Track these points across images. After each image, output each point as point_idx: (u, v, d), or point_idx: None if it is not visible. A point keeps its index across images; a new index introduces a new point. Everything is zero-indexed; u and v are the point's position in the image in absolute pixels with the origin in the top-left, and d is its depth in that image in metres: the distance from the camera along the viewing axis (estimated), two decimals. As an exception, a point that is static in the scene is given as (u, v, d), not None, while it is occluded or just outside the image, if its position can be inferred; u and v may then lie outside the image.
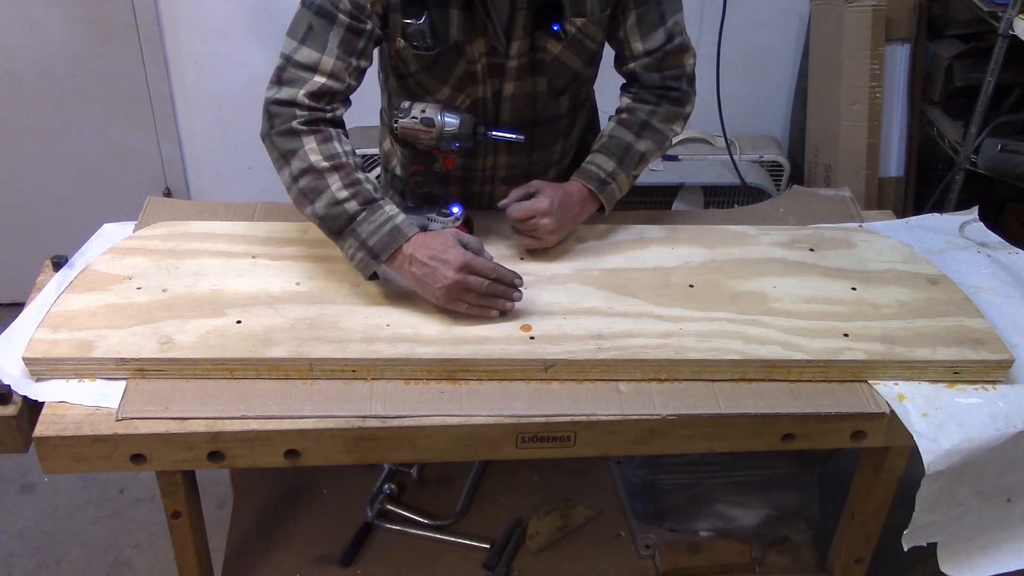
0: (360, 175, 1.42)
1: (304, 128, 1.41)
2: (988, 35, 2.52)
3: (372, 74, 1.63)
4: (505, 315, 1.42)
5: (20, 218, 2.86)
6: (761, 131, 2.91)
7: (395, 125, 1.50)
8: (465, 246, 1.40)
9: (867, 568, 1.65)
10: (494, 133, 1.51)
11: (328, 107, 1.44)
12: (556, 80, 1.57)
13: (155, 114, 2.76)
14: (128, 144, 2.80)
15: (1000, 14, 2.35)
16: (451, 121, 1.47)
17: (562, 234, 1.56)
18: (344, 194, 1.39)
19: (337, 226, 1.40)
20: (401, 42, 1.49)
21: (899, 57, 2.71)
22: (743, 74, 2.83)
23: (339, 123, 1.47)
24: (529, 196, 1.54)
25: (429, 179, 1.56)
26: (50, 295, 1.45)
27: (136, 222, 1.64)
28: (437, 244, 1.39)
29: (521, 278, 1.42)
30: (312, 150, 1.41)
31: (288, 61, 1.43)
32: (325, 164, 1.40)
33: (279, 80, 1.44)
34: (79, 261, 1.53)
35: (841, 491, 1.64)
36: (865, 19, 2.61)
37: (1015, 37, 2.32)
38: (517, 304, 1.44)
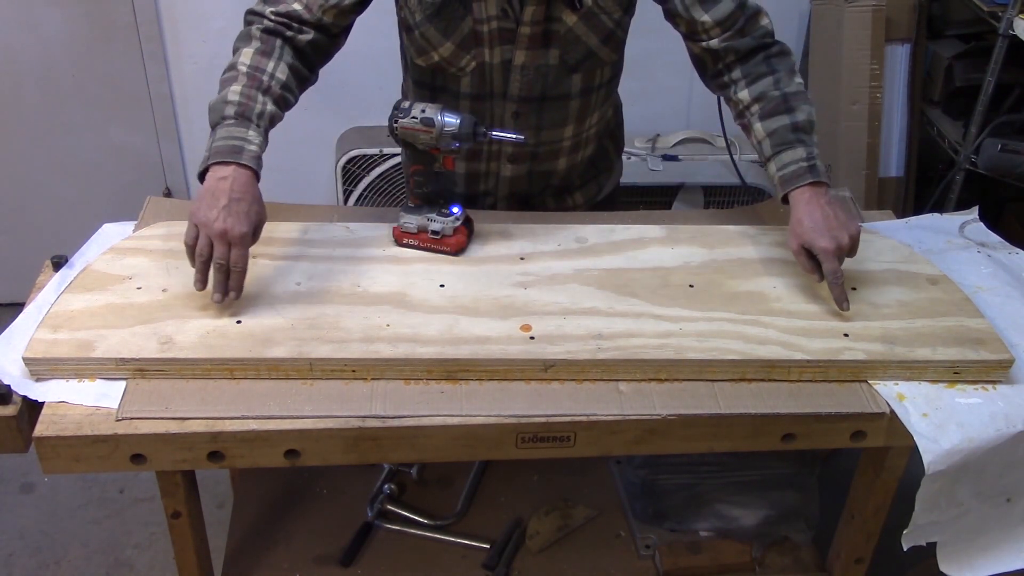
0: (260, 95, 1.43)
1: (257, 34, 1.47)
2: (988, 35, 2.52)
3: (370, 78, 1.64)
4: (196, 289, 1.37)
5: (20, 218, 2.86)
6: (761, 131, 2.90)
7: (395, 125, 1.50)
8: (255, 233, 1.37)
9: (867, 568, 1.65)
10: (495, 133, 1.51)
11: (294, 26, 1.48)
12: (569, 54, 1.54)
13: (155, 114, 2.76)
14: (128, 144, 2.80)
15: (1000, 14, 2.36)
16: (451, 121, 1.47)
17: (856, 235, 1.43)
18: (234, 98, 1.42)
19: (212, 120, 1.42)
20: None
21: (899, 57, 2.71)
22: (743, 74, 2.82)
23: (299, 49, 1.49)
24: (811, 256, 1.43)
25: (429, 179, 1.56)
26: (50, 295, 1.45)
27: (136, 222, 1.64)
28: (246, 200, 1.36)
29: (237, 295, 1.37)
30: (247, 53, 1.46)
31: None
32: (244, 68, 1.45)
33: None
34: (79, 261, 1.53)
35: (841, 491, 1.64)
36: (865, 19, 2.62)
37: (1015, 37, 2.33)
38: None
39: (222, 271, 1.35)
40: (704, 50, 1.53)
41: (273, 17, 1.48)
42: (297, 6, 1.48)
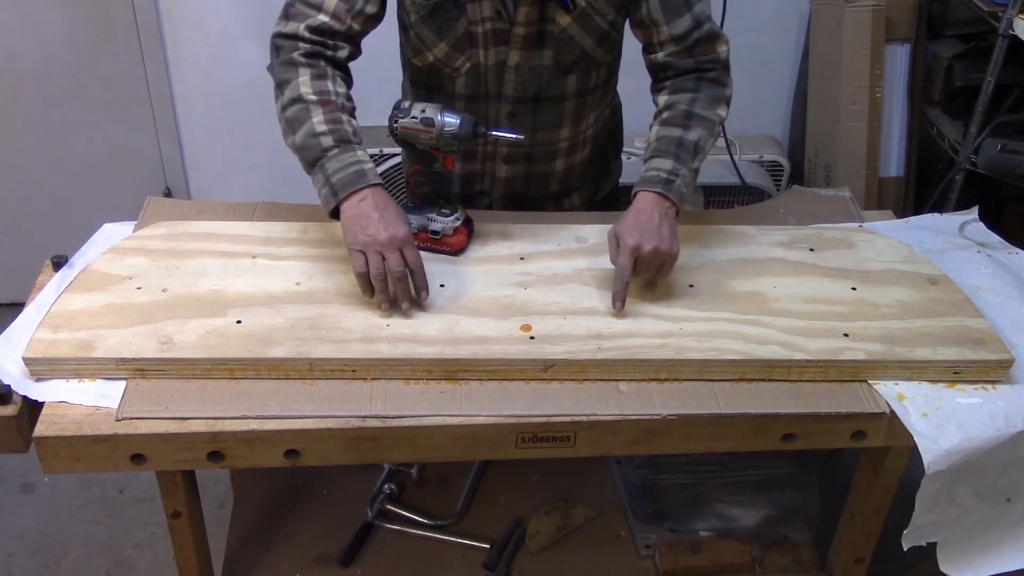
0: (344, 116, 1.44)
1: (302, 60, 1.46)
2: (988, 35, 2.52)
3: (370, 78, 1.64)
4: (390, 309, 1.39)
5: (20, 218, 2.86)
6: (761, 131, 2.91)
7: (395, 125, 1.50)
8: (405, 244, 1.38)
9: (867, 568, 1.66)
10: (494, 133, 1.51)
11: (329, 43, 1.48)
12: (563, 55, 1.55)
13: (155, 114, 2.76)
14: (128, 144, 2.80)
15: (1000, 14, 2.36)
16: (451, 121, 1.47)
17: (666, 253, 1.43)
18: (323, 128, 1.41)
19: (310, 158, 1.42)
20: None
21: (899, 57, 2.71)
22: (743, 74, 2.80)
23: (340, 65, 1.51)
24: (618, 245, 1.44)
25: (429, 179, 1.56)
26: (50, 295, 1.45)
27: (136, 222, 1.63)
28: (393, 210, 1.38)
29: (427, 291, 1.40)
30: (304, 82, 1.44)
31: None
32: (313, 97, 1.43)
33: (286, 15, 1.49)
34: (79, 261, 1.53)
35: (841, 491, 1.64)
36: (865, 19, 2.61)
37: (1015, 37, 2.33)
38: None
39: (404, 279, 1.38)
40: (652, 62, 1.57)
41: (308, 36, 1.47)
42: (324, 17, 1.47)
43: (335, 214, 1.42)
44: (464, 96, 1.60)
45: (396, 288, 1.39)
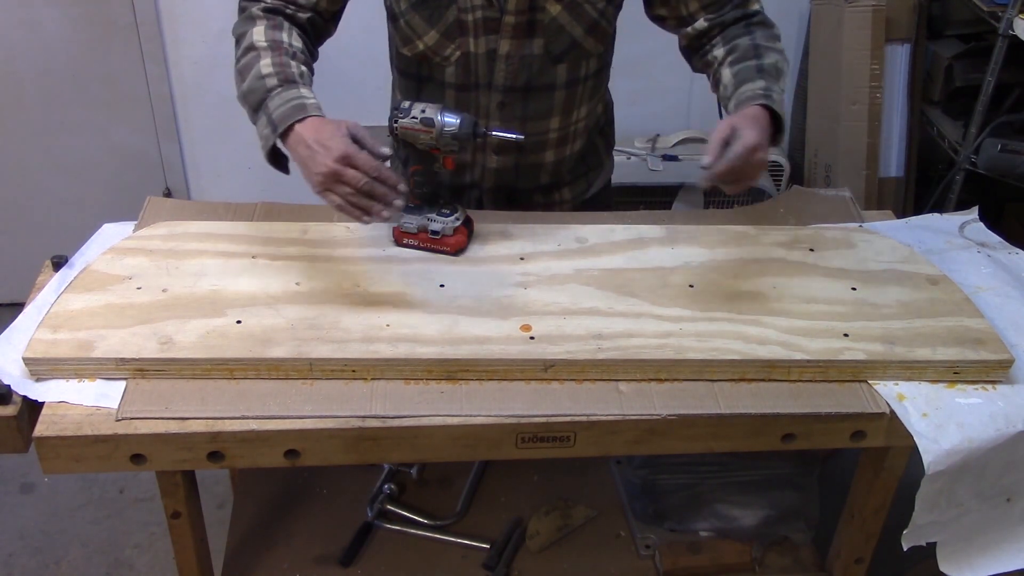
0: (292, 61, 1.44)
1: (260, 14, 1.49)
2: (988, 35, 2.52)
3: (370, 78, 1.64)
4: (373, 219, 1.36)
5: (20, 218, 2.86)
6: (761, 131, 2.90)
7: (395, 125, 1.50)
8: (356, 140, 1.36)
9: (867, 568, 1.65)
10: (495, 133, 1.51)
11: (291, 6, 1.51)
12: (553, 44, 1.55)
13: (155, 114, 2.76)
14: (128, 144, 2.80)
15: (1000, 14, 2.36)
16: (451, 121, 1.47)
17: (765, 166, 1.40)
18: (268, 70, 1.42)
19: (255, 100, 1.42)
20: None
21: (899, 57, 2.71)
22: (743, 74, 2.82)
23: (300, 25, 1.52)
24: (726, 142, 1.35)
25: (429, 179, 1.56)
26: (50, 295, 1.45)
27: (136, 222, 1.63)
28: (326, 130, 1.36)
29: (405, 185, 1.37)
30: (258, 32, 1.47)
31: None
32: (263, 44, 1.46)
33: None
34: (79, 261, 1.53)
35: (841, 491, 1.64)
36: (865, 19, 2.62)
37: (1015, 37, 2.33)
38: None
39: (371, 187, 1.34)
40: (693, 33, 1.58)
41: (270, 0, 1.50)
42: None
43: (275, 159, 1.40)
44: (454, 85, 1.60)
45: (371, 199, 1.35)
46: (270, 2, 1.51)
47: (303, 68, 1.46)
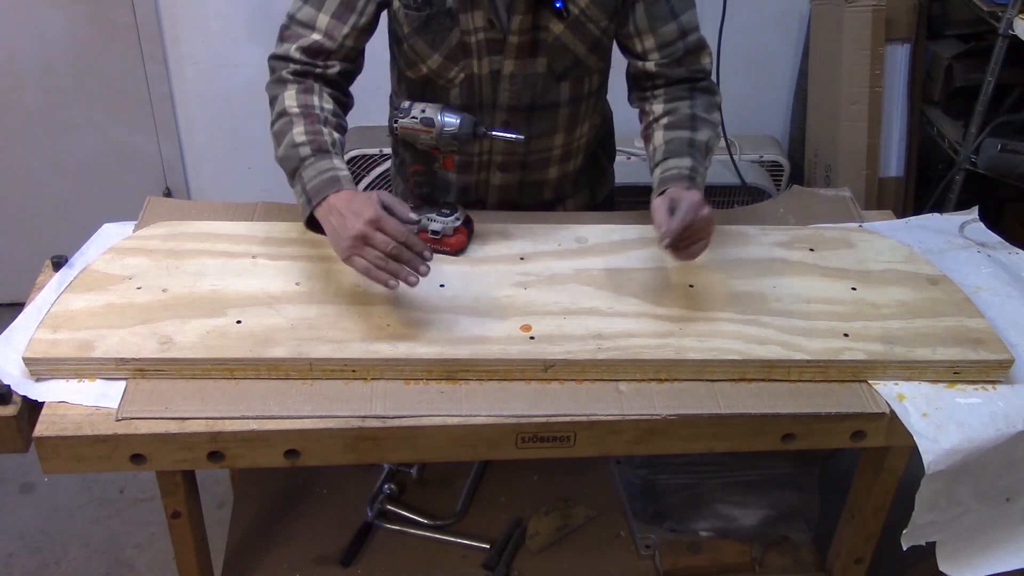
0: (324, 128, 1.45)
1: (290, 78, 1.49)
2: (988, 35, 2.52)
3: (370, 78, 1.64)
4: (399, 284, 1.34)
5: (20, 218, 2.86)
6: (761, 131, 2.91)
7: (395, 125, 1.50)
8: (386, 208, 1.36)
9: (867, 568, 1.66)
10: (494, 132, 1.51)
11: (320, 63, 1.50)
12: (556, 62, 1.55)
13: (155, 114, 2.76)
14: (128, 144, 2.80)
15: (1000, 14, 2.35)
16: (451, 121, 1.47)
17: (712, 225, 1.44)
18: (302, 139, 1.43)
19: (290, 168, 1.44)
20: (396, 2, 1.52)
21: (899, 57, 2.71)
22: (743, 74, 2.83)
23: (331, 81, 1.52)
24: (671, 210, 1.41)
25: (429, 179, 1.56)
26: (50, 295, 1.45)
27: (136, 222, 1.64)
28: (358, 199, 1.37)
29: (431, 252, 1.37)
30: (290, 96, 1.47)
31: (291, 19, 1.52)
32: (296, 110, 1.46)
33: (281, 37, 1.52)
34: (79, 261, 1.53)
35: (841, 491, 1.64)
36: (865, 19, 2.61)
37: (1015, 37, 2.33)
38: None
39: (398, 251, 1.34)
40: (639, 70, 1.59)
41: (298, 56, 1.49)
42: (317, 36, 1.49)
43: (312, 224, 1.42)
44: (459, 106, 1.59)
45: (398, 263, 1.35)
46: (298, 62, 1.49)
47: (335, 135, 1.46)
